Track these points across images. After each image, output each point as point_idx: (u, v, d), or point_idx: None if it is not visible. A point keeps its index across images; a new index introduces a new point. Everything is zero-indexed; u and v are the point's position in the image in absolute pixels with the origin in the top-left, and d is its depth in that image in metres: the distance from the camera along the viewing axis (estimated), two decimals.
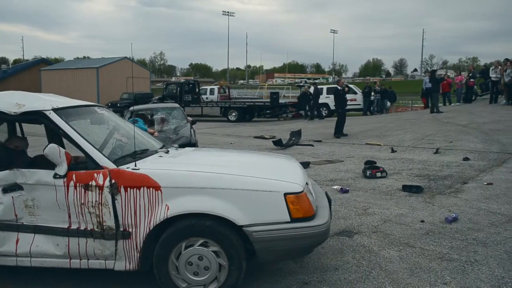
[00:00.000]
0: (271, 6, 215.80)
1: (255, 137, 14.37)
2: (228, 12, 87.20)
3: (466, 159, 8.45)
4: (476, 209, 5.41)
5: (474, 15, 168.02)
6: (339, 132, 13.38)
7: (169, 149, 4.28)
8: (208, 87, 30.22)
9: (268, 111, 23.62)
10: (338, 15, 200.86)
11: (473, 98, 20.75)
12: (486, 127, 12.07)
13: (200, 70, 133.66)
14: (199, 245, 3.15)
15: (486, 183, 6.59)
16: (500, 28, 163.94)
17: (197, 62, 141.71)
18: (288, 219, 3.13)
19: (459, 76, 22.05)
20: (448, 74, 27.25)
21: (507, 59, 17.31)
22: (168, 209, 3.13)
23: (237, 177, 3.26)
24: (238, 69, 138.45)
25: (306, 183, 3.51)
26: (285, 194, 3.15)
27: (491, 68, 18.62)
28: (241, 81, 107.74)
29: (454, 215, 5.06)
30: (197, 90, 26.21)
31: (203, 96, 27.03)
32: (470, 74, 20.91)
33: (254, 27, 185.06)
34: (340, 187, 6.64)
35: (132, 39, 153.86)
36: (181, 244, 3.16)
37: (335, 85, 15.15)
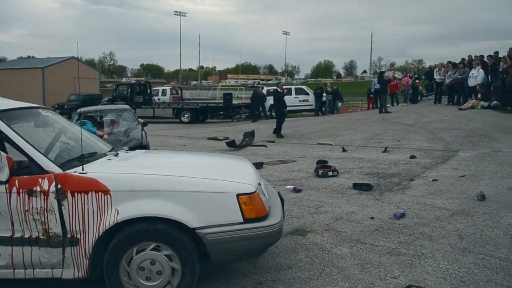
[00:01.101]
0: (223, 7, 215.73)
1: (209, 138, 14.29)
2: (180, 12, 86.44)
3: (412, 157, 8.78)
4: (422, 204, 5.63)
5: (420, 19, 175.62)
6: (278, 132, 13.79)
7: (118, 151, 4.18)
8: (160, 88, 29.76)
9: (221, 112, 23.51)
10: (290, 17, 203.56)
11: (418, 99, 21.63)
12: (431, 126, 12.60)
13: (152, 71, 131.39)
14: (151, 250, 3.09)
15: (431, 180, 6.88)
16: (444, 32, 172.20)
17: (148, 63, 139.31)
18: (241, 220, 3.13)
19: (406, 78, 22.89)
20: (396, 75, 28.20)
21: (449, 62, 18.18)
22: (118, 213, 3.04)
23: (189, 179, 3.22)
24: (191, 69, 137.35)
25: (259, 184, 3.52)
26: (238, 195, 3.15)
27: (435, 70, 19.47)
28: (194, 82, 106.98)
29: (402, 211, 5.25)
30: (148, 91, 25.75)
31: (155, 97, 26.59)
32: (416, 76, 21.77)
33: (206, 27, 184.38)
34: (293, 186, 6.72)
35: (79, 38, 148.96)
36: (132, 249, 3.09)
37: (276, 87, 15.88)
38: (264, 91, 23.25)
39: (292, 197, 6.20)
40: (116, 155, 3.97)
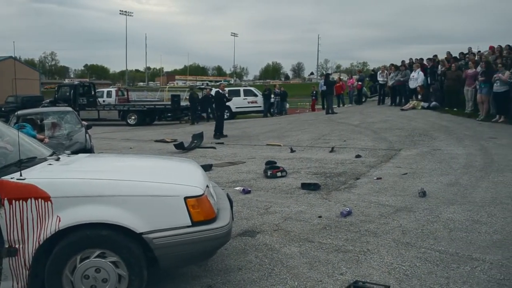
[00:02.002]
0: (170, 7, 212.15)
1: (156, 140, 14.04)
2: (125, 11, 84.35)
3: (358, 156, 9.04)
4: (368, 202, 5.81)
5: (364, 23, 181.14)
6: (220, 132, 13.90)
7: (60, 156, 4.01)
8: (105, 89, 28.92)
9: (169, 114, 23.13)
10: (238, 19, 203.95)
11: (363, 100, 22.33)
12: (375, 126, 13.03)
13: (96, 72, 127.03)
14: (95, 257, 2.98)
15: (376, 178, 7.11)
16: (387, 35, 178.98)
17: (92, 63, 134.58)
18: (189, 223, 3.10)
19: (351, 79, 23.56)
20: (341, 77, 28.95)
21: (392, 64, 18.91)
22: (59, 220, 2.92)
23: (135, 183, 3.15)
24: (137, 70, 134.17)
25: (207, 186, 3.50)
26: (185, 198, 3.11)
27: (378, 72, 20.17)
28: (141, 83, 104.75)
29: (348, 209, 5.38)
30: (93, 92, 24.95)
31: (99, 99, 25.78)
32: (358, 78, 22.49)
33: (153, 28, 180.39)
34: (242, 188, 6.73)
35: (19, 37, 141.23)
36: (76, 257, 2.97)
37: (217, 89, 16.27)
38: (213, 92, 23.14)
39: (242, 198, 6.21)
40: (58, 159, 3.81)
